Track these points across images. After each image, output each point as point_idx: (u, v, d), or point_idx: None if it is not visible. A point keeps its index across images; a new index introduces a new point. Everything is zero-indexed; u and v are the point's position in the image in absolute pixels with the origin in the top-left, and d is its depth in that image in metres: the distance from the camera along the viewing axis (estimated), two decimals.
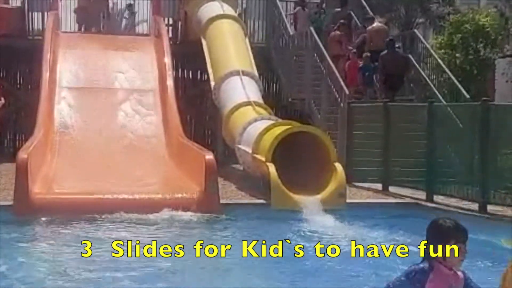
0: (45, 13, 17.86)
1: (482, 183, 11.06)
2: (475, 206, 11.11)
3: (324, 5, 19.93)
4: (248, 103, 13.90)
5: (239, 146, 13.20)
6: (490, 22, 18.57)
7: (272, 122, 12.87)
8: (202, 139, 17.83)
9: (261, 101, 14.31)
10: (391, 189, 13.01)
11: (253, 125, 13.05)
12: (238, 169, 14.55)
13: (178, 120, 14.36)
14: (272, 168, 11.56)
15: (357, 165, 13.75)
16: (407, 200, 12.25)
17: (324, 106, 15.75)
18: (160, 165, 13.58)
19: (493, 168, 11.15)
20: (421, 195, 12.19)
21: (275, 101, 17.99)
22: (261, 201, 11.70)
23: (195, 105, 19.36)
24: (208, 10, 16.57)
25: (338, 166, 11.84)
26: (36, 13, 18.45)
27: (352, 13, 18.79)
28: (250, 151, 12.48)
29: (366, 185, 13.41)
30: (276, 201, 11.36)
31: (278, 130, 12.16)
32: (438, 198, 11.96)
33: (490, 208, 10.97)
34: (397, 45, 16.98)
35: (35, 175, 11.03)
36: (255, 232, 9.88)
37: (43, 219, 10.10)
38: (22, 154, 10.65)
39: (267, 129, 12.37)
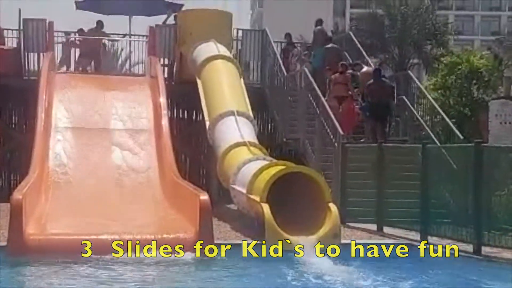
0: (41, 54, 17.96)
1: (476, 224, 11.06)
2: (469, 247, 11.10)
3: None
4: (243, 143, 13.95)
5: (234, 186, 13.22)
6: (484, 63, 18.73)
7: (266, 162, 12.90)
8: (196, 179, 17.87)
9: (255, 141, 14.37)
10: (386, 229, 13.02)
11: (247, 165, 13.08)
12: (232, 209, 14.54)
13: (172, 159, 14.39)
14: (266, 209, 11.56)
15: (351, 205, 13.78)
16: (401, 241, 12.24)
17: (318, 146, 15.82)
18: (155, 205, 13.57)
19: (487, 209, 11.17)
20: (416, 235, 12.19)
21: (270, 141, 18.07)
22: (256, 241, 11.67)
23: (190, 144, 19.45)
24: (203, 51, 16.71)
25: (333, 206, 11.85)
26: (32, 53, 18.55)
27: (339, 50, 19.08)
28: (244, 191, 12.49)
29: (360, 225, 13.42)
30: (271, 242, 11.32)
31: (273, 170, 12.19)
32: (432, 239, 11.96)
33: (484, 249, 10.96)
34: (383, 75, 17.22)
35: (29, 216, 11.01)
36: (249, 274, 9.87)
37: (37, 259, 10.01)
38: (17, 195, 10.63)
39: (262, 170, 12.40)
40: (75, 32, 19.98)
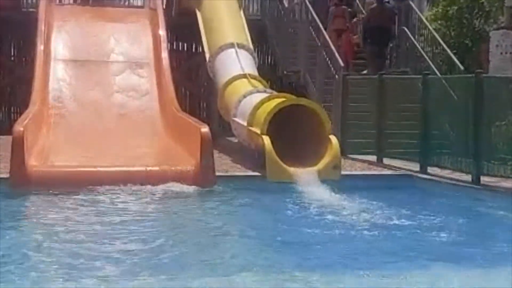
0: None
1: (476, 155, 11.13)
2: (468, 177, 11.19)
3: None
4: (243, 76, 13.91)
5: (234, 119, 13.24)
6: None
7: (267, 95, 12.89)
8: (197, 112, 17.92)
9: (256, 73, 14.32)
10: (386, 161, 13.10)
11: (248, 98, 13.08)
12: (233, 141, 14.60)
13: (173, 92, 14.38)
14: (267, 141, 11.62)
15: (352, 137, 13.84)
16: (401, 171, 12.33)
17: (319, 78, 15.80)
18: (155, 137, 13.63)
19: (486, 139, 11.22)
20: (415, 166, 12.28)
21: (270, 73, 17.99)
22: (257, 173, 11.76)
23: (190, 77, 19.41)
24: None
25: (333, 138, 11.90)
26: None
27: None
28: (245, 124, 12.52)
29: (361, 157, 13.50)
30: (271, 173, 11.42)
31: (273, 103, 12.19)
32: (432, 169, 12.05)
33: (483, 179, 11.05)
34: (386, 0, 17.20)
35: (31, 148, 11.06)
36: (251, 204, 9.99)
37: (39, 191, 10.11)
38: (18, 127, 10.64)
39: (262, 102, 12.40)
40: None
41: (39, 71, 14.31)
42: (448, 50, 15.64)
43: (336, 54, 15.09)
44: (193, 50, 19.27)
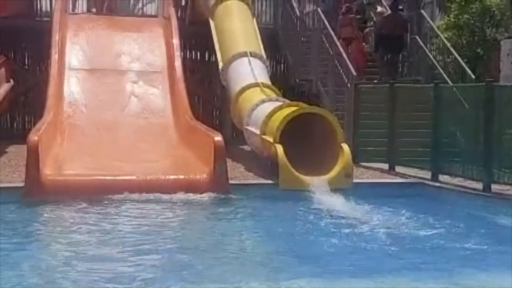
0: None
1: (487, 163, 11.19)
2: (479, 185, 11.25)
3: None
4: (256, 85, 14.01)
5: (247, 127, 13.33)
6: (496, 2, 18.55)
7: (279, 103, 12.98)
8: (210, 120, 17.97)
9: (269, 82, 14.42)
10: (397, 169, 13.16)
11: (261, 106, 13.18)
12: (246, 150, 14.68)
13: (186, 101, 14.48)
14: (280, 149, 11.71)
15: (364, 146, 13.91)
16: (413, 179, 12.40)
17: (331, 87, 15.87)
18: (169, 146, 13.71)
19: (497, 147, 11.28)
20: (427, 174, 12.35)
21: (283, 82, 18.06)
22: (269, 181, 11.84)
23: (203, 86, 19.50)
24: None
25: (345, 146, 11.97)
26: None
27: None
28: (258, 132, 12.61)
29: (372, 165, 13.56)
30: (284, 181, 11.50)
31: (286, 111, 12.29)
32: (443, 177, 12.12)
33: (494, 187, 11.11)
34: (400, 7, 17.25)
35: (45, 157, 11.14)
36: (265, 212, 10.08)
37: (55, 200, 10.20)
38: (33, 136, 10.75)
39: (275, 111, 12.49)
40: None
41: (53, 80, 14.43)
42: (460, 59, 15.69)
43: (348, 63, 15.17)
44: (206, 58, 19.36)
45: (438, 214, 9.78)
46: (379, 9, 18.08)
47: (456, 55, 15.87)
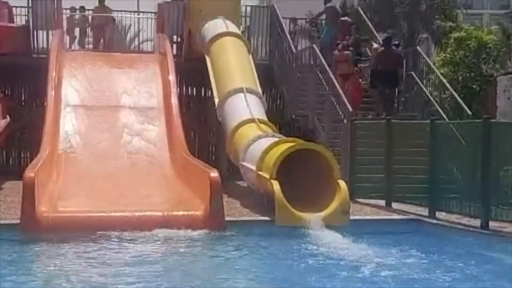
0: (50, 32, 17.99)
1: (484, 200, 11.14)
2: (477, 222, 11.19)
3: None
4: (252, 120, 14.01)
5: (244, 163, 13.30)
6: (493, 39, 18.70)
7: (276, 139, 12.97)
8: (206, 156, 17.99)
9: (265, 118, 14.43)
10: (394, 205, 13.11)
11: (257, 142, 13.16)
12: (242, 186, 14.64)
13: (182, 137, 14.47)
14: (276, 186, 11.66)
15: (360, 182, 13.88)
16: (410, 216, 12.34)
17: (327, 123, 15.89)
18: (165, 182, 13.67)
19: (495, 184, 11.24)
20: (424, 211, 12.29)
21: (279, 117, 18.10)
22: (266, 218, 11.78)
23: (199, 121, 19.53)
24: (212, 28, 16.71)
25: (342, 183, 11.93)
26: (41, 31, 18.58)
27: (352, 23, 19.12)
28: (254, 168, 12.57)
29: (369, 201, 13.51)
30: (281, 218, 11.43)
31: (282, 147, 12.26)
32: (440, 214, 12.06)
33: (492, 224, 11.05)
34: (395, 43, 17.33)
35: (41, 194, 11.09)
36: (261, 250, 9.99)
37: (50, 237, 10.13)
38: (29, 173, 10.72)
39: (271, 147, 12.47)
40: (76, 9, 20.13)
41: (49, 116, 14.43)
42: (456, 95, 15.74)
43: (344, 99, 15.19)
44: (202, 94, 19.39)
45: (436, 253, 9.69)
46: (374, 45, 18.20)
47: (452, 91, 15.94)
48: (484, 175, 11.21)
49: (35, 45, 18.66)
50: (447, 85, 16.21)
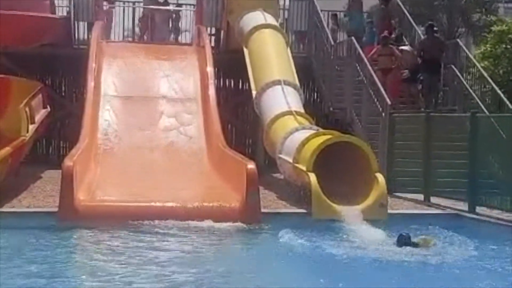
0: (91, 23, 18.12)
1: None
2: None
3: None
4: (289, 113, 13.97)
5: (280, 155, 13.27)
6: None
7: (313, 131, 12.91)
8: (243, 148, 17.97)
9: (302, 110, 14.37)
10: (433, 199, 12.98)
11: (294, 134, 13.11)
12: (278, 178, 14.60)
13: (219, 129, 14.47)
14: (313, 178, 11.61)
15: (398, 175, 13.77)
16: (449, 211, 12.20)
17: (365, 116, 15.78)
18: (202, 174, 13.69)
19: None
20: (463, 206, 12.14)
21: (316, 110, 18.05)
22: (302, 210, 11.73)
23: (237, 114, 19.55)
24: (251, 20, 16.70)
25: (380, 176, 11.85)
26: (82, 22, 18.75)
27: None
28: (291, 160, 12.53)
29: (407, 195, 13.39)
30: (317, 211, 11.39)
31: (319, 140, 12.20)
32: (480, 209, 11.89)
33: None
34: (435, 29, 17.27)
35: (79, 183, 11.21)
36: (297, 242, 9.91)
37: (87, 225, 10.19)
38: (68, 162, 10.83)
39: (308, 139, 12.42)
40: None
41: (88, 107, 14.53)
42: (497, 88, 15.52)
43: (383, 92, 15.07)
44: (240, 86, 19.42)
45: (477, 247, 9.50)
46: (406, 47, 18.05)
47: (493, 85, 15.72)
48: None
49: (76, 36, 18.83)
50: (488, 78, 16.00)
